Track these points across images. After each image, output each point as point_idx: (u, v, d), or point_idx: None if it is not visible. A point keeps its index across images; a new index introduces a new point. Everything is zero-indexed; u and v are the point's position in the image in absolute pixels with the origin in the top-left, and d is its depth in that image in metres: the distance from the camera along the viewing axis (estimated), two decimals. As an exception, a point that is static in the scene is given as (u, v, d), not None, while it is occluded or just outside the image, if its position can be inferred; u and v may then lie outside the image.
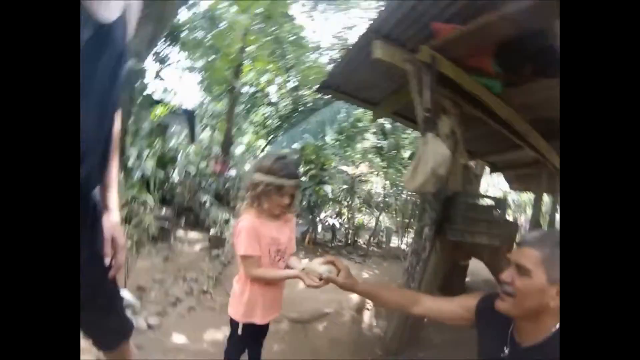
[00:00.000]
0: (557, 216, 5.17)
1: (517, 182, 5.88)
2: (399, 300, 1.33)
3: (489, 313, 1.04)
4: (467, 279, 4.13)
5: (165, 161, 4.94)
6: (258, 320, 1.49)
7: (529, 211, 8.07)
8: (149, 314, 2.27)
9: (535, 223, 4.09)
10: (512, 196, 8.38)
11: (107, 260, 0.98)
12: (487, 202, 2.12)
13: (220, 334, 2.26)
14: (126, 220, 2.76)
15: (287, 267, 1.53)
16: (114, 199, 0.98)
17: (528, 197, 8.42)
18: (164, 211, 4.10)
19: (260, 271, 1.42)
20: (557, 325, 0.89)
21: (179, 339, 2.13)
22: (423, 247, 2.26)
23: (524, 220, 7.44)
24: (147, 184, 4.07)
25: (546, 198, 5.55)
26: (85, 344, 1.70)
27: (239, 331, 1.50)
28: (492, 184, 9.21)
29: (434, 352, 2.50)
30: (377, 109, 3.21)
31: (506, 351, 1.01)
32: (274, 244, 1.45)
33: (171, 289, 2.68)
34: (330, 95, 3.27)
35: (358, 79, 2.78)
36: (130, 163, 3.86)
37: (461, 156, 2.33)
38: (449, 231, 2.11)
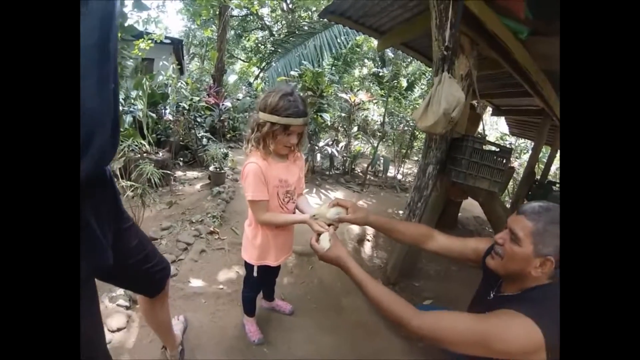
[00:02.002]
0: (553, 168, 5.26)
1: (518, 128, 5.86)
2: (414, 235, 1.37)
3: None
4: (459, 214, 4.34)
5: (155, 100, 4.68)
6: (271, 262, 1.55)
7: (524, 157, 8.17)
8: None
9: (529, 170, 4.15)
10: (510, 140, 8.41)
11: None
12: (492, 148, 2.08)
13: (232, 273, 2.39)
14: (125, 172, 2.70)
15: (297, 207, 1.54)
16: None
17: (525, 143, 8.47)
18: (160, 154, 4.00)
19: (268, 216, 1.42)
20: (533, 285, 0.98)
21: (196, 283, 2.23)
22: (426, 185, 2.29)
23: (517, 164, 7.53)
24: (139, 128, 3.90)
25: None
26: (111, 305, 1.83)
27: (254, 273, 1.57)
28: (490, 125, 9.14)
29: (428, 282, 2.70)
30: (384, 38, 2.97)
31: (491, 295, 1.12)
32: (283, 186, 1.43)
33: (180, 235, 2.73)
34: (333, 22, 2.98)
35: (367, 5, 2.51)
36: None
37: (472, 97, 2.25)
38: (453, 172, 2.12)
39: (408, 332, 0.95)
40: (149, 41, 4.92)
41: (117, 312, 1.81)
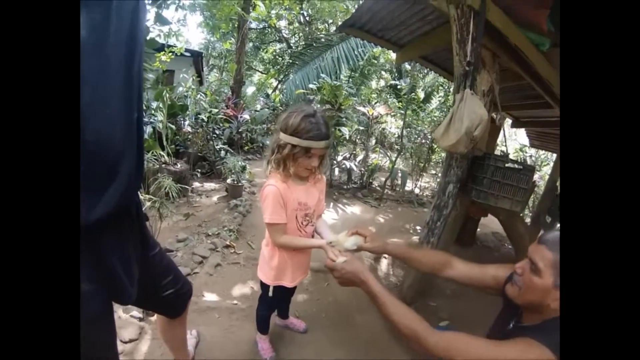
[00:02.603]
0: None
1: (538, 140, 5.71)
2: (431, 263, 1.34)
3: None
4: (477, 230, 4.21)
5: (175, 111, 4.77)
6: (287, 283, 1.53)
7: (544, 169, 7.95)
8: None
9: (550, 185, 4.02)
10: (530, 152, 8.20)
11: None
12: (515, 165, 2.01)
13: (247, 289, 2.37)
14: (144, 185, 2.73)
15: (316, 230, 1.51)
16: None
17: (545, 155, 8.26)
18: (179, 165, 4.06)
19: (285, 239, 1.39)
20: (553, 316, 0.94)
21: (210, 297, 2.22)
22: (445, 204, 2.23)
23: (538, 177, 7.31)
24: (159, 139, 3.98)
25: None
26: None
27: (270, 293, 1.55)
28: (509, 136, 8.96)
29: (445, 302, 2.62)
30: (402, 51, 2.95)
31: (511, 325, 1.09)
32: (302, 209, 1.40)
33: (196, 247, 2.74)
34: (351, 35, 2.99)
35: (386, 19, 2.50)
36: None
37: (493, 110, 2.19)
38: (473, 192, 2.06)
39: (423, 348, 0.93)
40: (170, 54, 5.05)
41: (130, 324, 1.81)
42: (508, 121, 5.01)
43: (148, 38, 3.37)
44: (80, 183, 0.59)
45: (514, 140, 10.08)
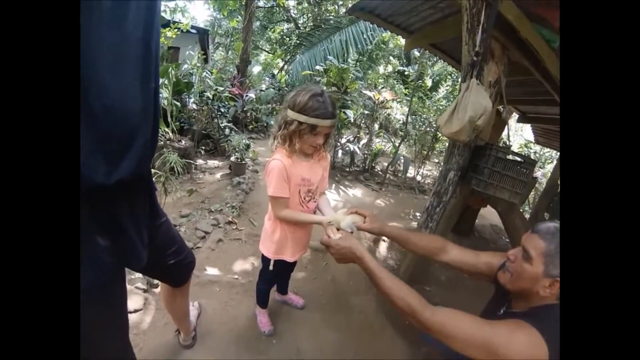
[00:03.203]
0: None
1: (544, 137, 5.68)
2: (427, 246, 1.37)
3: None
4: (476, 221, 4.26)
5: (180, 88, 4.75)
6: (288, 257, 1.58)
7: (548, 166, 7.90)
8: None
9: (552, 182, 4.02)
10: (535, 148, 8.14)
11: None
12: (516, 158, 2.03)
13: (248, 264, 2.44)
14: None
15: (317, 207, 1.56)
16: None
17: (550, 153, 8.19)
18: (183, 142, 4.09)
19: (287, 212, 1.43)
20: (541, 304, 0.97)
21: (212, 271, 2.29)
22: (445, 190, 2.27)
23: (540, 174, 7.29)
24: (164, 116, 3.99)
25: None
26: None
27: (270, 267, 1.60)
28: (515, 130, 8.87)
29: (439, 288, 2.68)
30: (412, 38, 2.93)
31: (501, 311, 1.12)
32: (305, 184, 1.44)
33: (199, 223, 2.80)
34: (361, 19, 2.96)
35: (397, 4, 2.47)
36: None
37: (499, 103, 2.20)
38: (474, 180, 2.09)
39: (417, 323, 0.97)
40: (176, 30, 4.98)
41: (135, 294, 1.89)
42: (515, 116, 4.99)
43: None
44: (101, 148, 0.63)
45: (519, 136, 10.04)
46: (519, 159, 2.05)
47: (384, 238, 3.39)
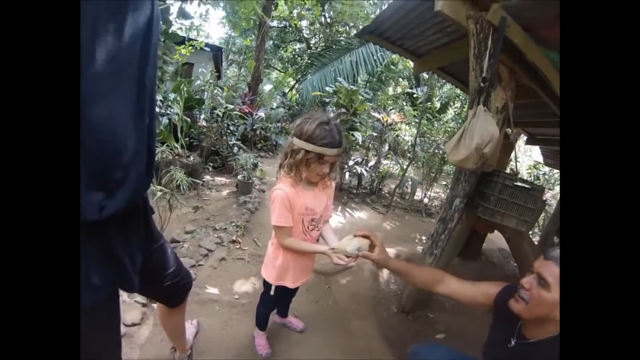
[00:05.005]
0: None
1: (553, 159, 5.61)
2: (426, 280, 1.37)
3: (505, 306, 1.10)
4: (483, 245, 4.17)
5: (191, 104, 4.84)
6: (289, 284, 1.56)
7: (557, 188, 7.78)
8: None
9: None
10: (544, 169, 8.04)
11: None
12: (524, 185, 2.00)
13: (249, 285, 2.40)
14: (156, 175, 2.79)
15: (321, 235, 1.54)
16: None
17: (558, 174, 8.07)
18: (191, 158, 4.13)
19: (290, 241, 1.43)
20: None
21: (212, 290, 2.26)
22: (451, 217, 2.23)
23: (550, 196, 7.16)
24: (174, 131, 4.05)
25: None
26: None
27: (272, 292, 1.58)
28: (523, 152, 8.79)
29: (442, 315, 2.60)
30: (420, 61, 2.96)
31: (513, 342, 1.11)
32: (308, 214, 1.43)
33: (202, 240, 2.79)
34: (370, 42, 3.00)
35: (406, 27, 2.51)
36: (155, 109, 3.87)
37: (506, 126, 2.18)
38: (480, 208, 2.05)
39: None
40: (190, 47, 5.14)
41: (133, 308, 1.87)
42: (523, 137, 4.95)
43: (170, 31, 3.45)
44: (94, 183, 0.63)
45: (528, 157, 9.93)
46: (526, 186, 2.01)
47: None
